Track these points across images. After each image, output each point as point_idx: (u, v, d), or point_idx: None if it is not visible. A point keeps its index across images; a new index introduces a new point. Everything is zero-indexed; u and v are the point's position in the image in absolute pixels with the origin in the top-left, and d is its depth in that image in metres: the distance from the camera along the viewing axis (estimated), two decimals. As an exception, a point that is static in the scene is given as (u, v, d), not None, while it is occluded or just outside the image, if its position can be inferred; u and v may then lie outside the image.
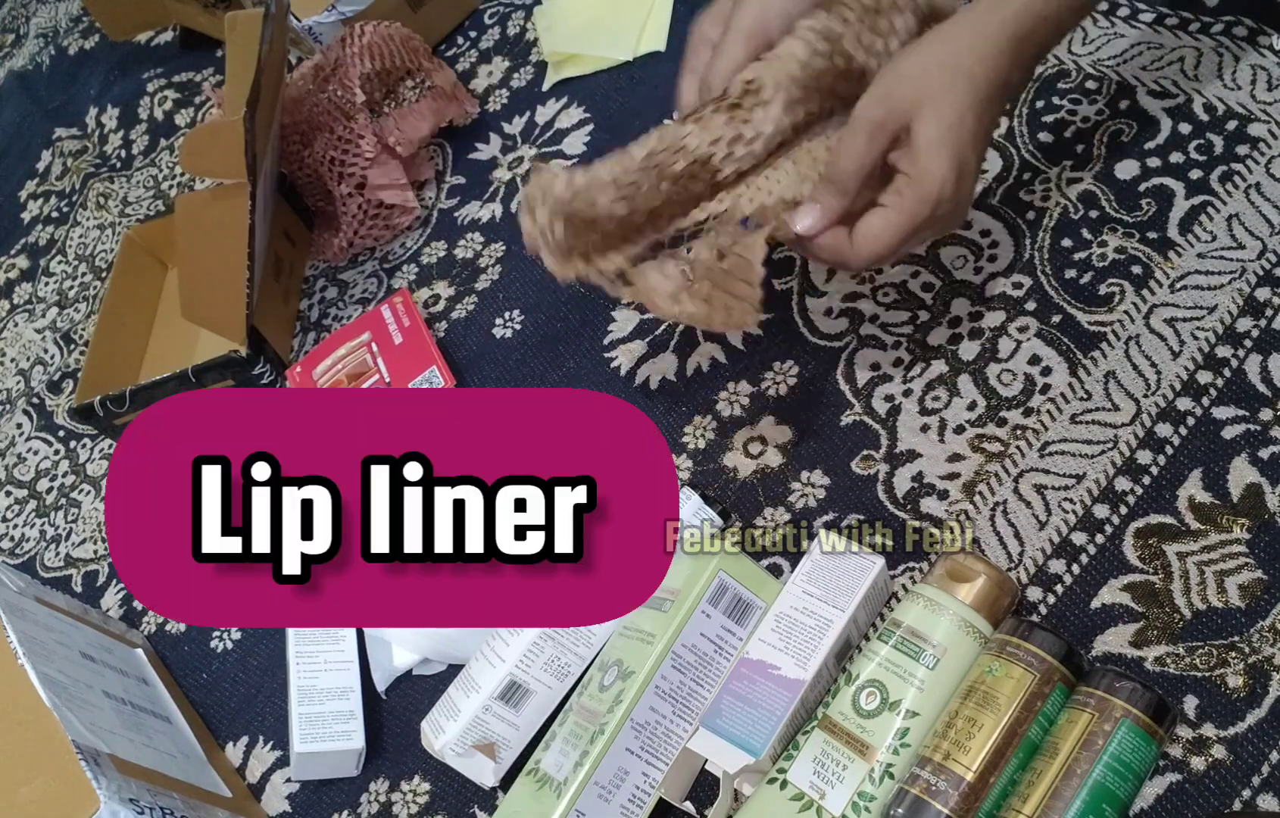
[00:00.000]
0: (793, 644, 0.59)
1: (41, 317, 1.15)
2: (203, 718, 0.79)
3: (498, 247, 0.91)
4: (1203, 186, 0.68)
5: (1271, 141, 0.68)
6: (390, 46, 0.95)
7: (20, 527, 0.98)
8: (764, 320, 0.76)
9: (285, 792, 0.73)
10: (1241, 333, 0.63)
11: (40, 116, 1.37)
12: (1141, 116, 0.72)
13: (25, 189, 1.30)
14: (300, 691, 0.71)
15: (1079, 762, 0.51)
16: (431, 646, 0.72)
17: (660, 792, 0.60)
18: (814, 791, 0.54)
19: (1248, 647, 0.54)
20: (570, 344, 0.82)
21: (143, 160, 1.22)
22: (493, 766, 0.65)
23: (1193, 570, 0.57)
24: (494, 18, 1.07)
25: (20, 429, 1.06)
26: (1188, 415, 0.62)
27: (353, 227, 0.95)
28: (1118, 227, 0.69)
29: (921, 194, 0.57)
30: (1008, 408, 0.66)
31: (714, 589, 0.61)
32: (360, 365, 0.85)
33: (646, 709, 0.59)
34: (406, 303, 0.87)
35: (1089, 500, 0.61)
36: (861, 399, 0.70)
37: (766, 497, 0.69)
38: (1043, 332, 0.67)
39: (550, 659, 0.64)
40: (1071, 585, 0.59)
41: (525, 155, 0.95)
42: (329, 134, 0.93)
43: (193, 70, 1.26)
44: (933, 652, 0.55)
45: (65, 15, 1.48)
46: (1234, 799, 0.52)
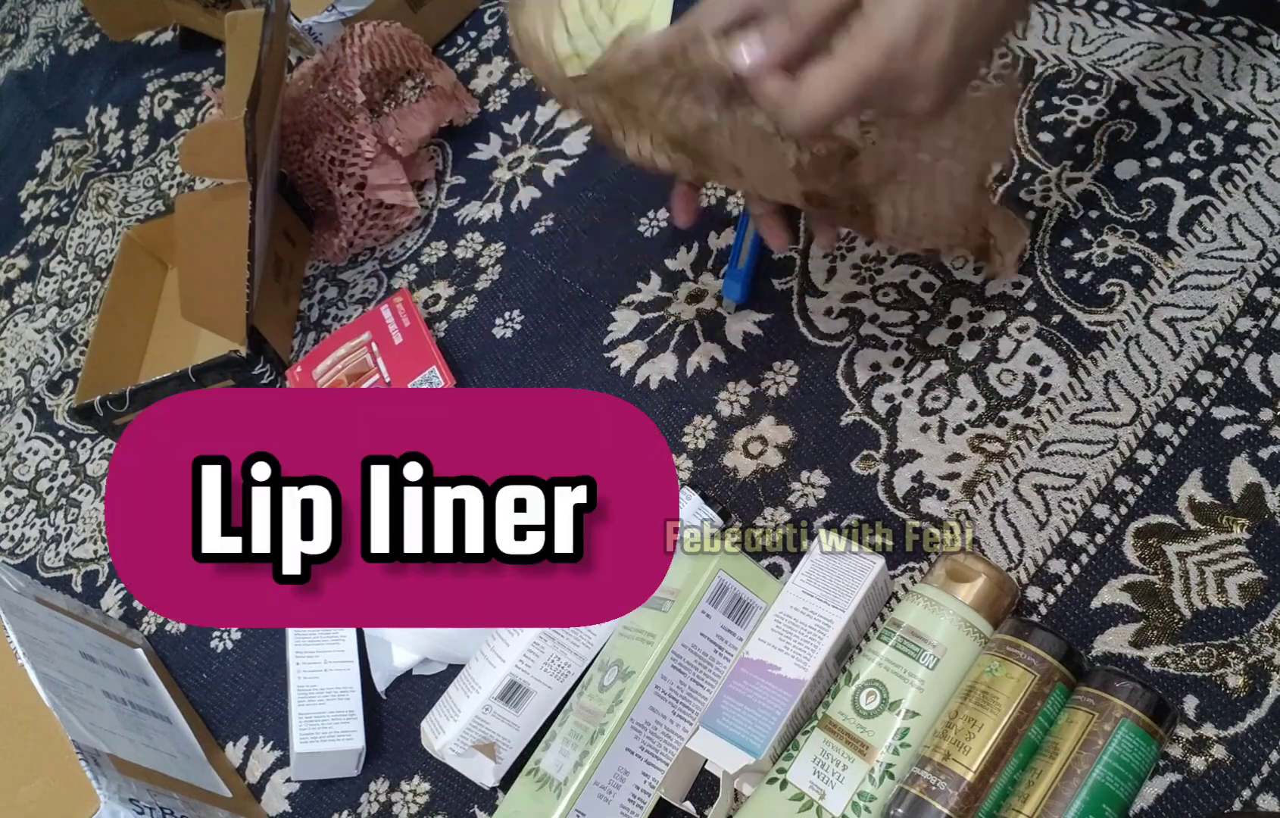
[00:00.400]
0: (793, 644, 0.59)
1: (41, 317, 1.15)
2: (203, 718, 0.79)
3: (498, 246, 0.91)
4: (1203, 186, 0.68)
5: (1271, 141, 0.68)
6: (390, 46, 0.95)
7: (20, 527, 0.98)
8: (764, 320, 0.76)
9: (285, 792, 0.73)
10: (1241, 333, 0.63)
11: (40, 116, 1.37)
12: (1141, 116, 0.72)
13: (25, 189, 1.30)
14: (300, 691, 0.71)
15: (1079, 762, 0.51)
16: (431, 646, 0.72)
17: (660, 792, 0.60)
18: (814, 791, 0.54)
19: (1248, 647, 0.54)
20: (570, 344, 0.82)
21: (143, 160, 1.22)
22: (493, 766, 0.65)
23: (1193, 570, 0.57)
24: (494, 18, 1.07)
25: (20, 429, 1.06)
26: (1188, 415, 0.62)
27: (353, 227, 0.95)
28: (1118, 227, 0.69)
29: (872, 36, 0.48)
30: (1008, 408, 0.66)
31: (714, 589, 0.61)
32: (360, 365, 0.85)
33: (646, 709, 0.59)
34: (407, 303, 0.87)
35: (1089, 500, 0.61)
36: (861, 399, 0.70)
37: (766, 497, 0.69)
38: (1043, 332, 0.67)
39: (550, 659, 0.64)
40: (1071, 586, 0.59)
41: (525, 155, 0.95)
42: (329, 134, 0.93)
43: (193, 70, 1.26)
44: (933, 652, 0.55)
45: (65, 15, 1.48)
46: (1234, 799, 0.52)
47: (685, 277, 0.81)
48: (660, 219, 0.84)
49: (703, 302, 0.79)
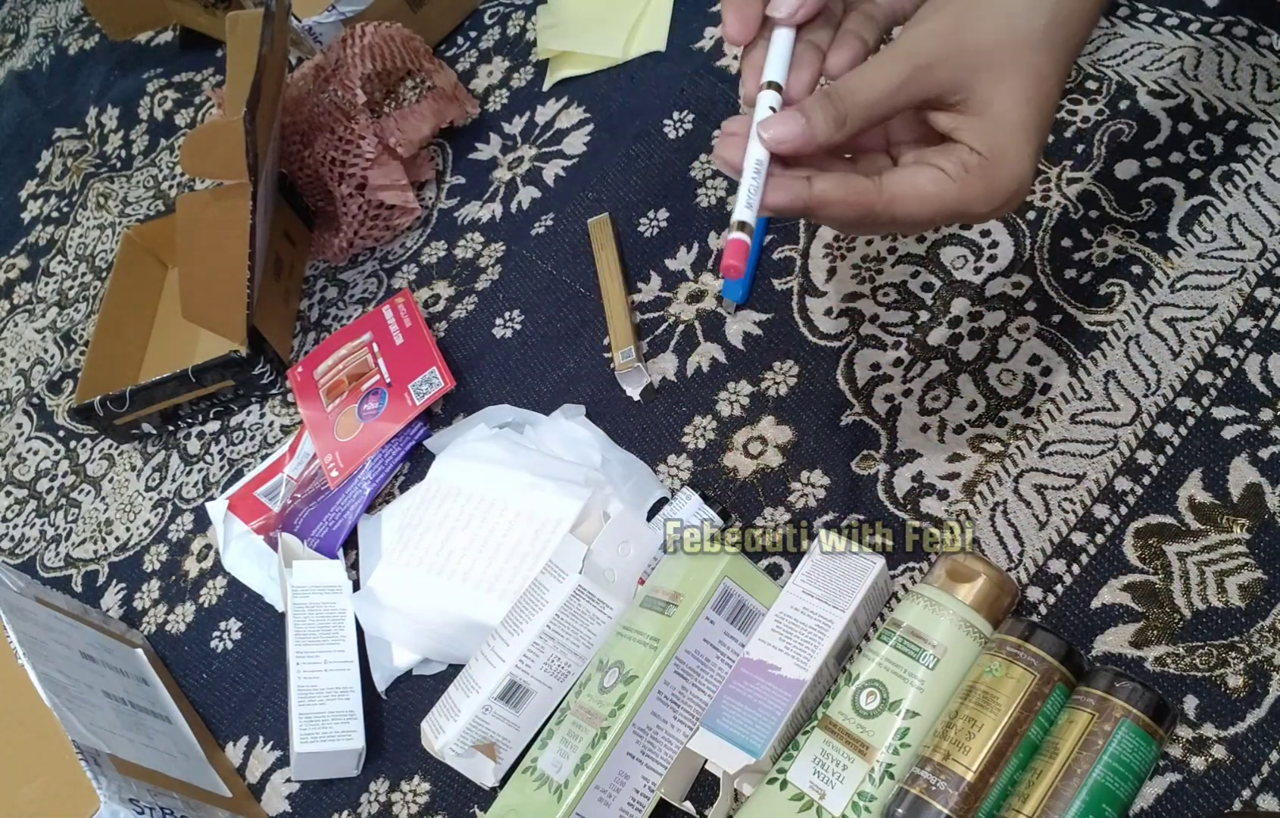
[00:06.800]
0: (793, 644, 0.59)
1: (41, 317, 1.15)
2: (203, 718, 0.79)
3: (498, 246, 0.91)
4: (1203, 186, 0.68)
5: (1271, 141, 0.68)
6: (391, 47, 0.95)
7: (20, 527, 0.98)
8: (764, 320, 0.76)
9: (285, 792, 0.73)
10: (1241, 333, 0.63)
11: (40, 116, 1.37)
12: (1141, 116, 0.72)
13: (25, 189, 1.30)
14: (300, 691, 0.71)
15: (1079, 762, 0.51)
16: (432, 645, 0.72)
17: (660, 792, 0.60)
18: (814, 791, 0.54)
19: (1248, 647, 0.54)
20: (570, 344, 0.82)
21: (143, 160, 1.22)
22: (493, 766, 0.65)
23: (1193, 570, 0.57)
24: (494, 18, 1.07)
25: (20, 429, 1.06)
26: (1188, 415, 0.62)
27: (353, 227, 0.95)
28: (1118, 227, 0.69)
29: (994, 184, 0.46)
30: (1008, 408, 0.66)
31: (719, 596, 0.61)
32: (361, 366, 0.85)
33: (648, 714, 0.59)
34: (409, 303, 0.87)
35: (1089, 500, 0.61)
36: (861, 399, 0.70)
37: (766, 497, 0.69)
38: (1043, 332, 0.67)
39: (550, 659, 0.64)
40: (1071, 585, 0.59)
41: (525, 155, 0.95)
42: (329, 134, 0.93)
43: (193, 70, 1.26)
44: (933, 652, 0.55)
45: (65, 15, 1.48)
46: (1234, 799, 0.52)
47: (685, 277, 0.81)
48: (660, 219, 0.84)
49: (703, 302, 0.79)
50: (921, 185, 0.47)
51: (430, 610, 0.71)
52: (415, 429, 0.82)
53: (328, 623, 0.74)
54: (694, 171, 0.86)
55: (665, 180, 0.86)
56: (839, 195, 0.47)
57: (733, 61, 0.90)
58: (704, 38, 0.93)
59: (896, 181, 0.47)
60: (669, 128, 0.89)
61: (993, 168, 0.46)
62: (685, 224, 0.83)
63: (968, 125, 0.46)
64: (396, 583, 0.72)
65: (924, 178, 0.47)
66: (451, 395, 0.83)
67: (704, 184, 0.85)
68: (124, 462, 0.97)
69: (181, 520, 0.90)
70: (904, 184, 0.47)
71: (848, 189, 0.47)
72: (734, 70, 0.89)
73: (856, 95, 0.46)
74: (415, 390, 0.82)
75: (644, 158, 0.88)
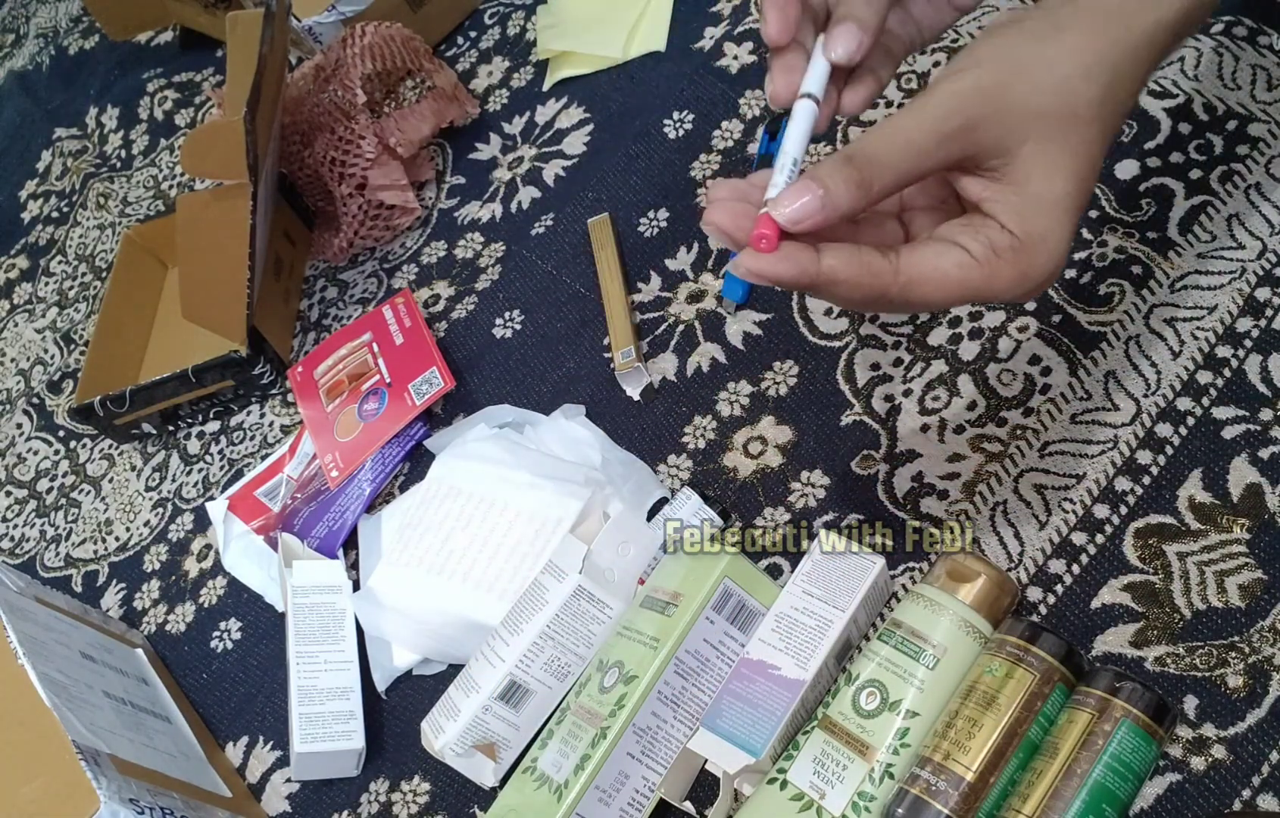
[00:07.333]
0: (793, 644, 0.59)
1: (41, 317, 1.15)
2: (203, 718, 0.79)
3: (498, 246, 0.91)
4: (1203, 186, 0.68)
5: (1271, 141, 0.68)
6: (391, 47, 0.95)
7: (20, 527, 0.98)
8: (764, 320, 0.76)
9: (285, 792, 0.73)
10: (1241, 333, 0.63)
11: (40, 116, 1.37)
12: (1141, 116, 0.72)
13: (25, 189, 1.30)
14: (300, 691, 0.71)
15: (1079, 762, 0.51)
16: (432, 645, 0.72)
17: (660, 792, 0.60)
18: (814, 791, 0.54)
19: (1248, 647, 0.54)
20: (570, 344, 0.82)
21: (143, 160, 1.22)
22: (493, 766, 0.65)
23: (1193, 570, 0.57)
24: (494, 18, 1.07)
25: (20, 429, 1.06)
26: (1188, 415, 0.62)
27: (353, 227, 0.95)
28: (1118, 226, 0.69)
29: (1026, 271, 0.41)
30: (1008, 408, 0.66)
31: (719, 596, 0.61)
32: (361, 366, 0.85)
33: (649, 714, 0.59)
34: (409, 304, 0.87)
35: (1089, 500, 0.61)
36: (861, 399, 0.70)
37: (766, 497, 0.69)
38: (1043, 331, 0.67)
39: (550, 659, 0.64)
40: (1071, 585, 0.59)
41: (525, 155, 0.95)
42: (329, 134, 0.93)
43: (193, 70, 1.26)
44: (933, 652, 0.55)
45: (65, 15, 1.48)
46: (1234, 799, 0.52)
47: (685, 277, 0.81)
48: (660, 219, 0.84)
49: (703, 302, 0.79)
50: (945, 269, 0.41)
51: (430, 611, 0.71)
52: (415, 429, 0.82)
53: (328, 623, 0.74)
54: (694, 171, 0.86)
55: (665, 180, 0.86)
56: (850, 274, 0.41)
57: (733, 61, 0.90)
58: (704, 38, 0.93)
59: (916, 263, 0.42)
60: (669, 128, 0.89)
61: (1026, 252, 0.41)
62: (685, 224, 0.83)
63: (1002, 198, 0.42)
64: (396, 583, 0.72)
65: (948, 261, 0.41)
66: (451, 395, 0.83)
67: (704, 184, 0.85)
68: (124, 462, 0.97)
69: (181, 520, 0.90)
70: (924, 266, 0.42)
71: (860, 268, 0.41)
72: (733, 70, 0.89)
73: (881, 157, 0.40)
74: (415, 390, 0.82)
75: (644, 158, 0.88)
